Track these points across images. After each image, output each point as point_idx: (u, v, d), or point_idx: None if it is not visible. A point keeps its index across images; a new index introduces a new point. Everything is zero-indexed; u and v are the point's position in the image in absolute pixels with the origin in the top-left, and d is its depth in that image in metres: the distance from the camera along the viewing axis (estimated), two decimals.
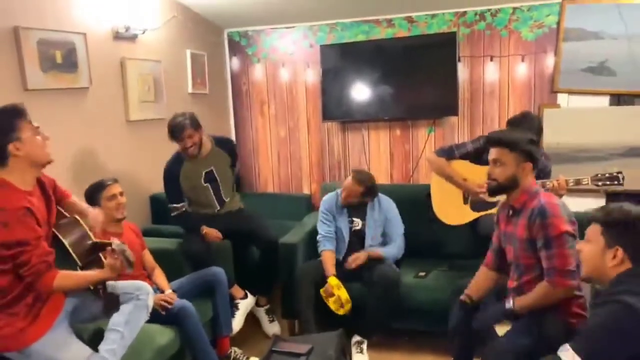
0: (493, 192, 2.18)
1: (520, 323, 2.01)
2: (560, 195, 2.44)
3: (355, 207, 3.10)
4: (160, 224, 3.45)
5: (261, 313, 3.22)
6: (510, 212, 2.18)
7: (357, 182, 3.02)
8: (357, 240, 3.07)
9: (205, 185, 3.08)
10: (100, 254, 2.05)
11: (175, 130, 2.91)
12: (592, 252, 1.69)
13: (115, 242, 1.92)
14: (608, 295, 1.60)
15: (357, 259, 2.94)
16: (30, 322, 1.82)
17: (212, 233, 2.96)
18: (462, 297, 2.29)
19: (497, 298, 2.26)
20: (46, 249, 1.82)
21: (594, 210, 1.74)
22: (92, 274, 1.94)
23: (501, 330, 2.02)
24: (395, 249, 3.06)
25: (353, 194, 3.03)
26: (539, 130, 2.82)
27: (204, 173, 3.06)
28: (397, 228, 3.12)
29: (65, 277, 1.86)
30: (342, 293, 2.80)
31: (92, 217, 2.13)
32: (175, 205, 3.02)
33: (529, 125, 2.68)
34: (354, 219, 3.10)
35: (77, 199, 2.22)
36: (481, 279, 2.32)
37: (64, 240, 1.97)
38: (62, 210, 2.10)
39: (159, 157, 3.48)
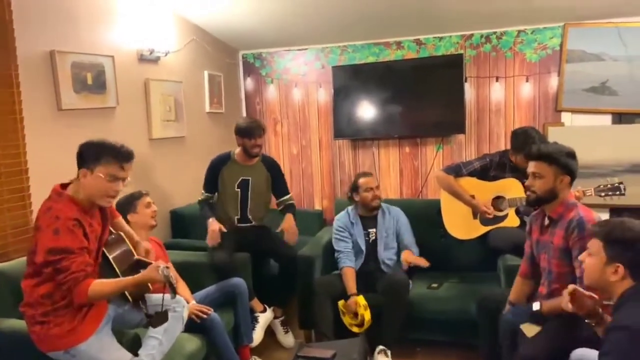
0: (532, 204, 2.26)
1: (550, 326, 2.05)
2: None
3: (368, 218, 3.23)
4: (180, 238, 3.58)
5: (276, 324, 3.30)
6: (547, 221, 2.24)
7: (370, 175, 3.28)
8: (374, 251, 3.17)
9: (236, 190, 3.25)
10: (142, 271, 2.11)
11: (255, 128, 3.14)
12: (594, 265, 1.71)
13: (162, 266, 1.94)
14: (616, 318, 1.63)
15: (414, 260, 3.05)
16: (78, 323, 1.93)
17: (213, 231, 3.00)
18: (505, 311, 2.37)
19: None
20: (87, 259, 1.91)
21: (596, 225, 1.78)
22: (127, 278, 2.01)
23: (527, 330, 2.06)
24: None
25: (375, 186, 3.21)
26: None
27: (240, 179, 3.25)
28: (411, 238, 3.21)
29: (100, 284, 1.92)
30: (367, 314, 2.85)
31: (147, 246, 2.27)
32: (204, 193, 3.30)
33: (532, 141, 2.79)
34: (369, 230, 3.21)
35: (123, 221, 2.36)
36: (519, 289, 2.40)
37: (108, 255, 2.07)
38: (111, 228, 2.22)
39: (179, 174, 3.60)
